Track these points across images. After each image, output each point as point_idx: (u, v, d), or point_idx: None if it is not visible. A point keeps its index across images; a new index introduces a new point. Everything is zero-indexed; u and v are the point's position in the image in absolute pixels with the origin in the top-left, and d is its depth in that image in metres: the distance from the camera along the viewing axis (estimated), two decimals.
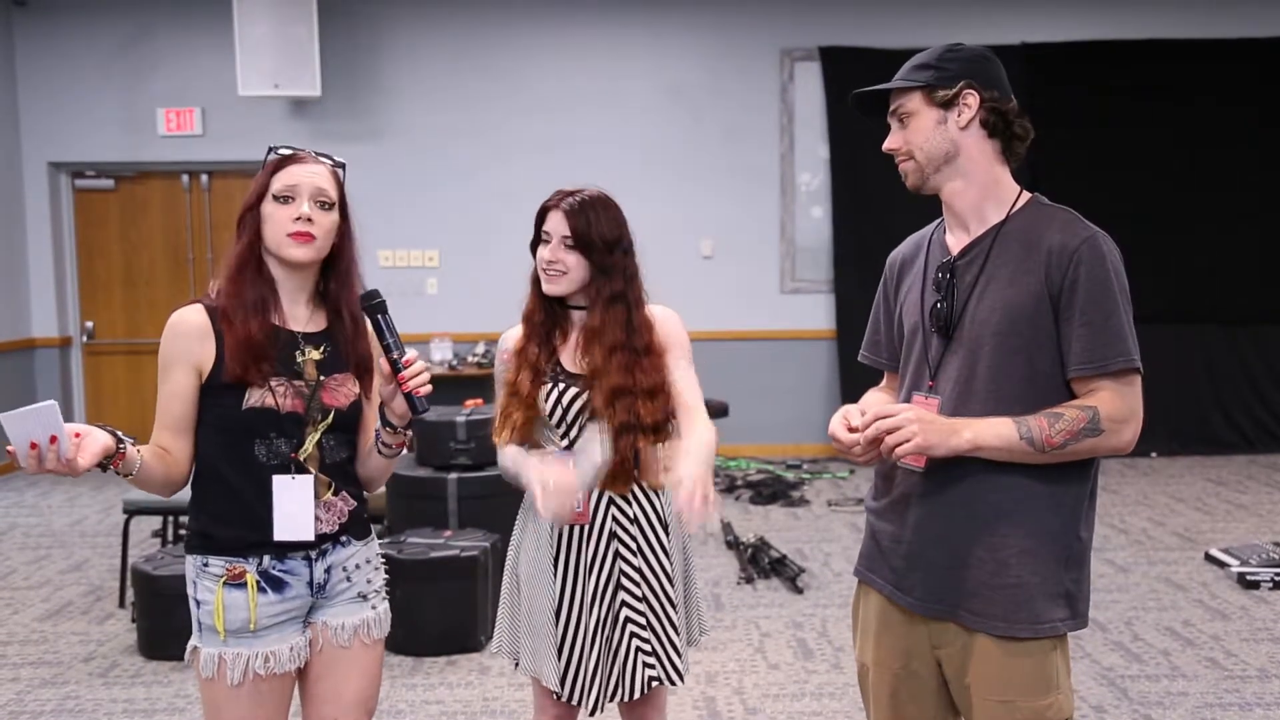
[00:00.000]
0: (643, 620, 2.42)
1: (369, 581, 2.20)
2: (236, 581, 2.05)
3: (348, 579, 2.16)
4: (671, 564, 2.46)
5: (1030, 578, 1.89)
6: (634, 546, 2.43)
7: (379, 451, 2.16)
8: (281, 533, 2.06)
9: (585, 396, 2.40)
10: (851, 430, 1.92)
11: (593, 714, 2.44)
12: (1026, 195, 1.99)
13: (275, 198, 2.06)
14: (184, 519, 4.91)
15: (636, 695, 2.43)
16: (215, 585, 2.05)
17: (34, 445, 1.75)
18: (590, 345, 2.41)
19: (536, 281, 2.46)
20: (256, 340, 2.03)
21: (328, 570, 2.13)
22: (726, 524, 5.87)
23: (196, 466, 2.10)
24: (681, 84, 8.04)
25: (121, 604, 4.80)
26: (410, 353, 2.05)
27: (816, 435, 7.97)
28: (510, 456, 2.42)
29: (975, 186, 1.97)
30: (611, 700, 2.44)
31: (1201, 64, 7.84)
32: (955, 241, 2.01)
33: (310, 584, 2.11)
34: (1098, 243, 1.88)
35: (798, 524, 6.21)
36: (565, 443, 2.43)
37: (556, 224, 2.40)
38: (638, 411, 2.37)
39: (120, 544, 4.96)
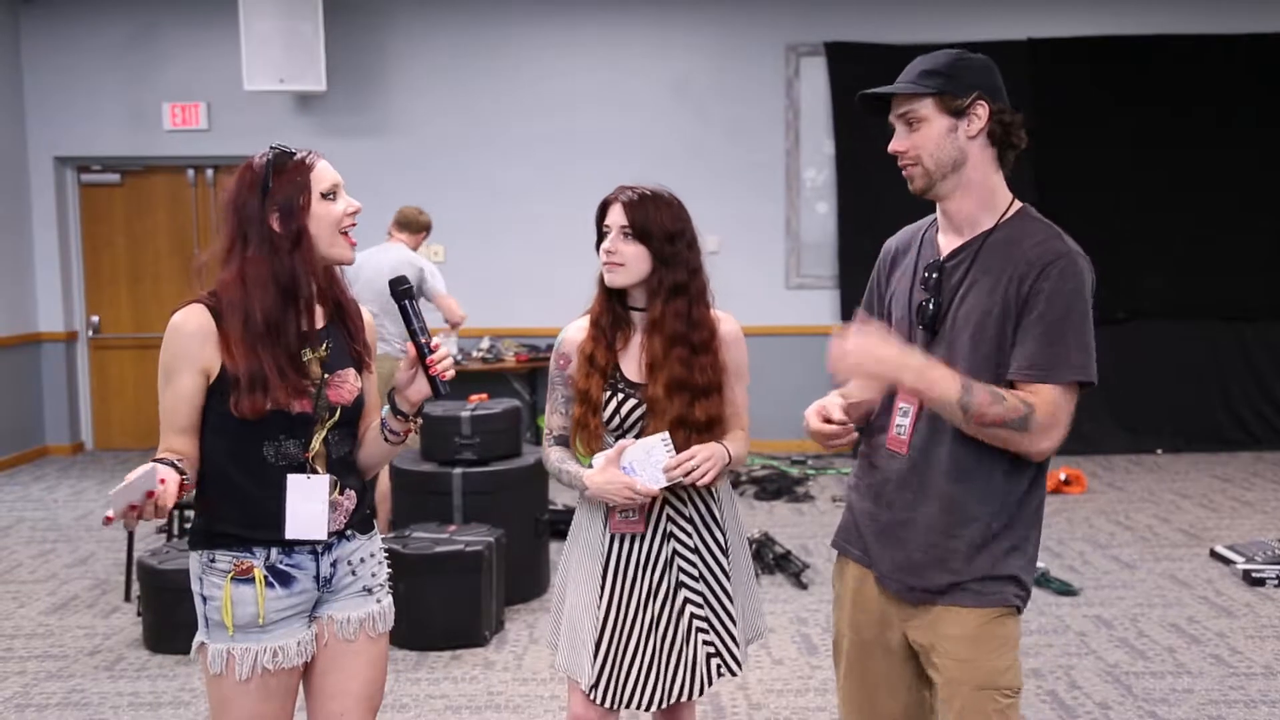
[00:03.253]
0: (704, 614, 2.44)
1: (373, 575, 2.20)
2: (244, 577, 2.04)
3: (353, 573, 2.16)
4: (729, 561, 2.48)
5: (982, 560, 2.01)
6: (691, 545, 2.44)
7: (385, 439, 2.16)
8: (293, 531, 2.05)
9: (643, 408, 2.41)
10: (827, 421, 2.05)
11: (617, 711, 2.41)
12: (1018, 205, 2.05)
13: (324, 196, 2.04)
14: (189, 513, 4.92)
15: (702, 692, 2.45)
16: (222, 580, 2.05)
17: (133, 507, 1.80)
18: (651, 336, 2.41)
19: (602, 280, 2.45)
20: (291, 384, 2.02)
21: (333, 564, 2.13)
22: None
23: (202, 467, 2.08)
24: (686, 80, 8.02)
25: (127, 598, 4.81)
26: (436, 338, 2.09)
27: None
28: (556, 458, 2.47)
29: (974, 196, 2.03)
30: (675, 700, 2.44)
31: (1208, 59, 7.80)
32: (946, 243, 2.08)
33: (316, 578, 2.11)
34: (1070, 261, 1.94)
35: (802, 519, 6.21)
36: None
37: (615, 216, 2.41)
38: (693, 407, 2.38)
39: (125, 538, 4.97)
